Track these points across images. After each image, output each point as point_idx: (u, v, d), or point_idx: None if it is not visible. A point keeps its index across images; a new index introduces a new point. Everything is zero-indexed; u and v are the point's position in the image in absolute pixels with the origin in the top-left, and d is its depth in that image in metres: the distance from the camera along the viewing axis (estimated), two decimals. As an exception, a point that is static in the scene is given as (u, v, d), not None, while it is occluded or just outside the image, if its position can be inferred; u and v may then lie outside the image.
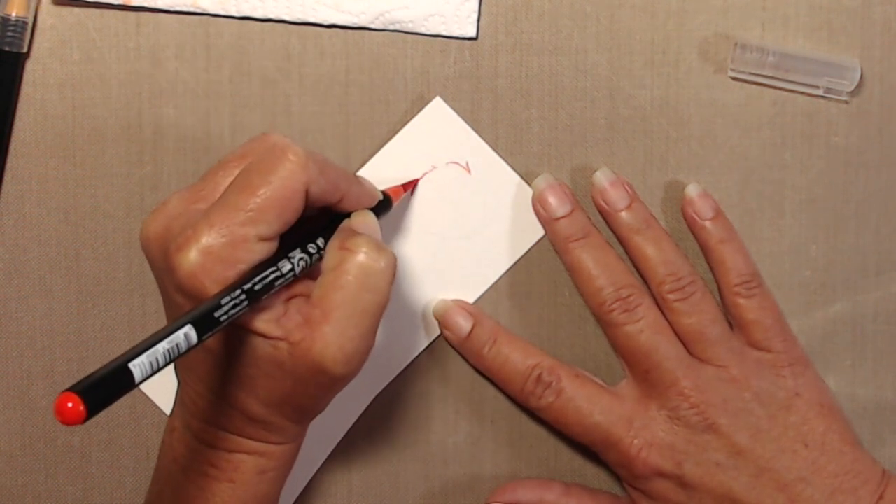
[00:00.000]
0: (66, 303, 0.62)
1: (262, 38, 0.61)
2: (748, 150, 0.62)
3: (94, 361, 0.62)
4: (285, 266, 0.51)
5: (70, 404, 0.40)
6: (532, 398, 0.61)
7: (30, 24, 0.60)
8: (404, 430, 0.64)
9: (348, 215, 0.55)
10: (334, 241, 0.52)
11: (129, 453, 0.63)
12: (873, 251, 0.63)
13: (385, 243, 0.61)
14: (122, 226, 0.62)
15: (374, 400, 0.63)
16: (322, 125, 0.62)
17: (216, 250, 0.49)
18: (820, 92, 0.62)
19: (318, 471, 0.64)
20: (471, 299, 0.63)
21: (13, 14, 0.60)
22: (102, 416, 0.62)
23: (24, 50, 0.60)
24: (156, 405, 0.63)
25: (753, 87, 0.62)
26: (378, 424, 0.63)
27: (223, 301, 0.48)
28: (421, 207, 0.62)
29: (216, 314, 0.48)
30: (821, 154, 0.63)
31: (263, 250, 0.50)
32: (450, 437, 0.64)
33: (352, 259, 0.51)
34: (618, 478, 0.63)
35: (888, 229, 0.63)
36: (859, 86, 0.62)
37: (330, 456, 0.63)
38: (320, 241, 0.53)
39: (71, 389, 0.40)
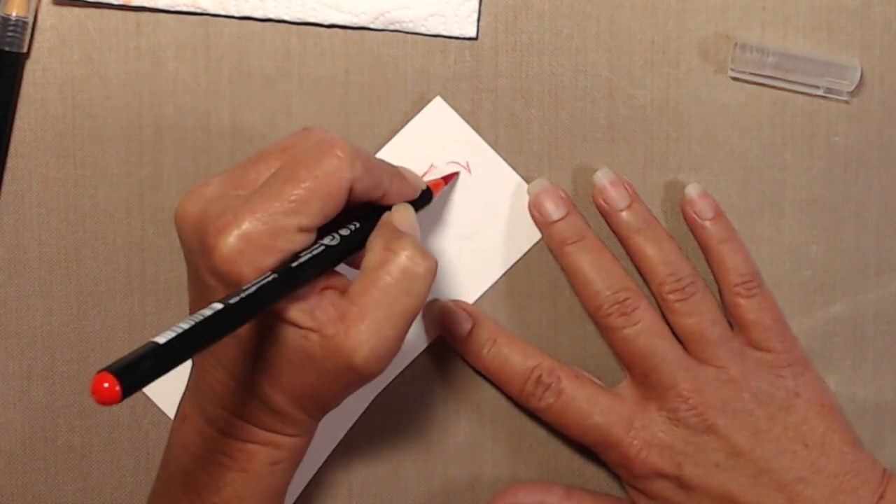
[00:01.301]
0: (66, 303, 0.62)
1: (262, 38, 0.61)
2: (748, 150, 0.62)
3: (94, 361, 0.62)
4: (318, 248, 0.51)
5: (106, 384, 0.41)
6: (532, 399, 0.61)
7: (30, 24, 0.60)
8: (404, 430, 0.64)
9: (389, 207, 0.55)
10: (378, 240, 0.52)
11: (129, 453, 0.63)
12: (873, 251, 0.63)
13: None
14: (122, 226, 0.62)
15: (375, 400, 0.63)
16: (322, 125, 0.61)
17: (256, 237, 0.49)
18: (820, 92, 0.62)
19: (318, 471, 0.64)
20: (471, 299, 0.63)
21: (13, 14, 0.60)
22: (102, 415, 0.63)
23: (24, 50, 0.60)
24: (156, 405, 0.63)
25: (753, 87, 0.62)
26: (378, 424, 0.63)
27: (256, 284, 0.48)
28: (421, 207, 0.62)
29: (245, 294, 0.47)
30: (821, 154, 0.63)
31: (302, 241, 0.50)
32: (450, 437, 0.64)
33: (395, 260, 0.51)
34: (618, 478, 0.63)
35: (888, 229, 0.63)
36: (859, 86, 0.62)
37: (330, 456, 0.63)
38: (355, 225, 0.53)
39: (107, 370, 0.41)
